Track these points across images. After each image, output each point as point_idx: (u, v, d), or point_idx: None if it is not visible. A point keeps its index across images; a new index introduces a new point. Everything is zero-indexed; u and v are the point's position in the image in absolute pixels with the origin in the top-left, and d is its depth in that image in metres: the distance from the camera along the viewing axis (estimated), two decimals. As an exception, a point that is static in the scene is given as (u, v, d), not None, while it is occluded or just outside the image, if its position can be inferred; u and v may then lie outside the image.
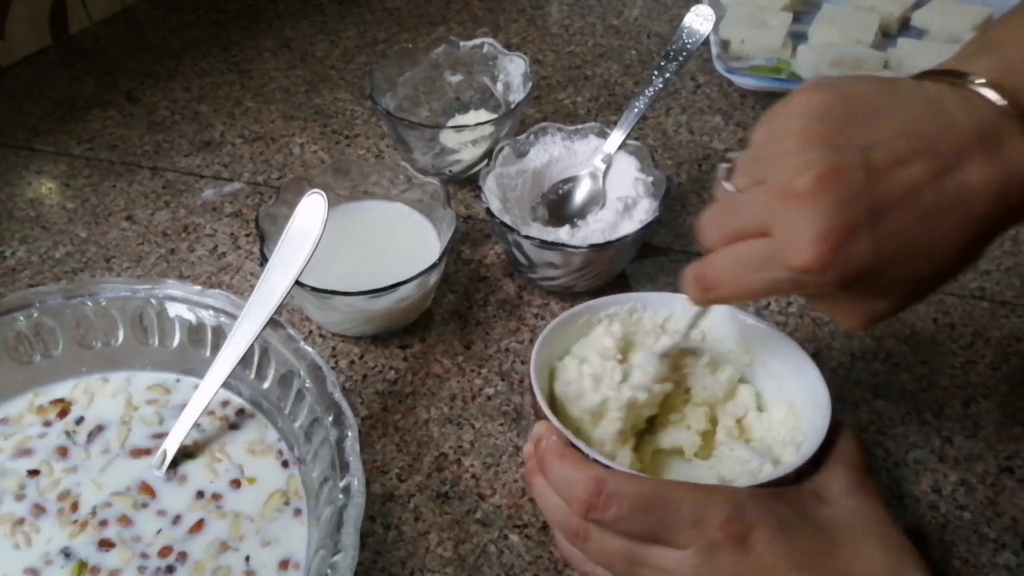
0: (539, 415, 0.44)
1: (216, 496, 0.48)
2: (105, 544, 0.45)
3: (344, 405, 0.46)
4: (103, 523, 0.46)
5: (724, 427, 0.48)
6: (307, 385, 0.47)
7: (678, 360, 0.49)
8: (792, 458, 0.43)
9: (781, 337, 0.48)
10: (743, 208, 0.38)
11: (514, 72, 0.74)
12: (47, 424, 0.51)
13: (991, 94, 0.36)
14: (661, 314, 0.51)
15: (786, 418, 0.47)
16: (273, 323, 0.49)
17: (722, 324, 0.50)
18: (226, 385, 0.50)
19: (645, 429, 0.49)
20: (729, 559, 0.37)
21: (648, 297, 0.51)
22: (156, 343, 0.53)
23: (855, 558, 0.38)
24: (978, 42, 0.40)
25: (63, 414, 0.51)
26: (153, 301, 0.52)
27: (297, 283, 0.49)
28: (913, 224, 0.35)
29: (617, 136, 0.64)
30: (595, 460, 0.40)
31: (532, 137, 0.66)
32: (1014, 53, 0.37)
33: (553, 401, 0.47)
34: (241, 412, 0.52)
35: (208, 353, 0.52)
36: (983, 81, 0.36)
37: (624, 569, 0.40)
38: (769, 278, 0.37)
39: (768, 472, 0.43)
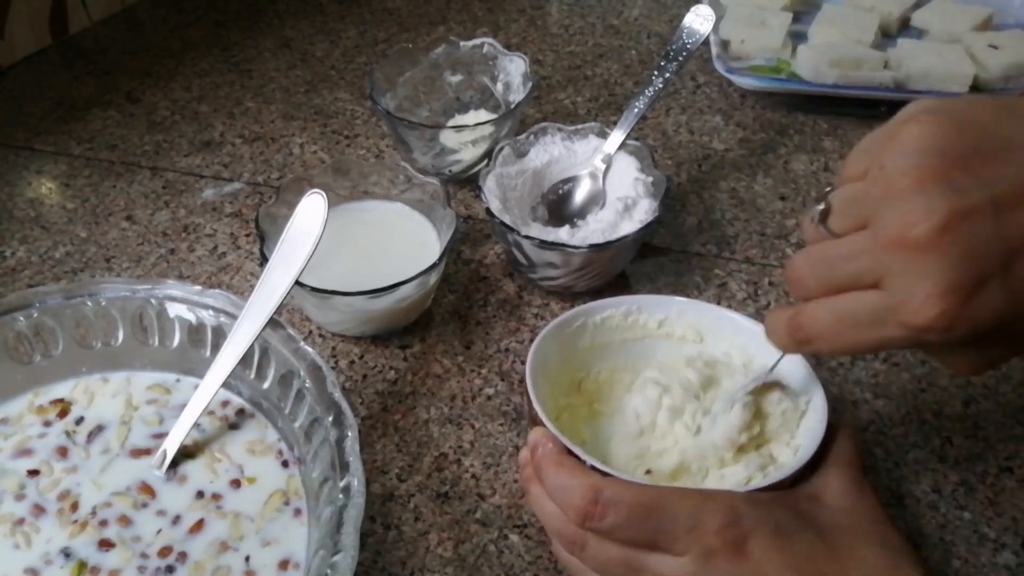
0: (535, 421, 0.43)
1: (216, 496, 0.48)
2: (105, 544, 0.45)
3: (344, 405, 0.46)
4: (103, 523, 0.46)
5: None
6: (307, 385, 0.47)
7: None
8: (789, 460, 0.43)
9: None
10: (848, 257, 0.35)
11: (514, 72, 0.74)
12: (47, 424, 0.51)
13: None
14: (657, 316, 0.51)
15: (782, 422, 0.47)
16: (273, 323, 0.49)
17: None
18: (226, 385, 0.50)
19: None
20: (727, 565, 0.37)
21: (644, 300, 0.51)
22: (156, 343, 0.53)
23: (853, 560, 0.38)
24: None
25: (63, 414, 0.51)
26: (153, 301, 0.52)
27: (297, 283, 0.49)
28: None
29: (617, 136, 0.64)
30: (592, 467, 0.40)
31: (532, 137, 0.66)
32: None
33: (565, 408, 0.47)
34: (241, 412, 0.52)
35: (208, 353, 0.52)
36: None
37: None
38: (881, 336, 0.34)
39: (759, 480, 0.42)
